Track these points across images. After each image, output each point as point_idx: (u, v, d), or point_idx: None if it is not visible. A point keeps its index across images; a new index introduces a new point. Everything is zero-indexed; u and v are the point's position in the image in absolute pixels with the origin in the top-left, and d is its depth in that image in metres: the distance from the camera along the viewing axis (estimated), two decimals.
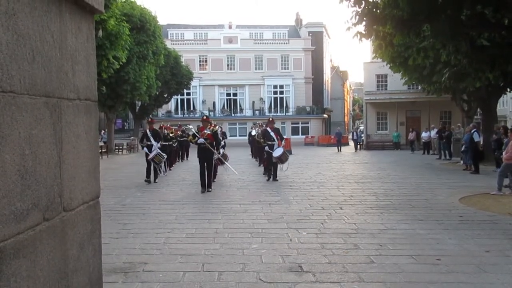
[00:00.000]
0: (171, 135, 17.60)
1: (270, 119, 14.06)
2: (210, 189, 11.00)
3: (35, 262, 1.55)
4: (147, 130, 13.63)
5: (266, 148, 13.47)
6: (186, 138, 18.80)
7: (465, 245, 5.96)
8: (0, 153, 1.37)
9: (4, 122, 1.39)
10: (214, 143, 11.37)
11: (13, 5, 1.44)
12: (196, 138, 11.14)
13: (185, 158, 22.11)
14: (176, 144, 18.90)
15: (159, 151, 13.21)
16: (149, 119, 14.53)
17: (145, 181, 12.89)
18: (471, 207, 8.90)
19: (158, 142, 13.31)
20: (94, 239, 2.07)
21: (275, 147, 13.19)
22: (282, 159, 13.14)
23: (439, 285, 4.48)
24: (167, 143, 15.62)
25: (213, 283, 4.58)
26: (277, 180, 13.08)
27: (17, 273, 1.44)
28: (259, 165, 17.92)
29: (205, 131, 11.19)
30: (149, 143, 13.36)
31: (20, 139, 1.48)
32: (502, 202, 9.49)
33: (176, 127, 20.82)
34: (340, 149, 31.86)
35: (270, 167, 13.61)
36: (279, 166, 13.41)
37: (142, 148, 14.34)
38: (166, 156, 13.95)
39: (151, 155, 13.04)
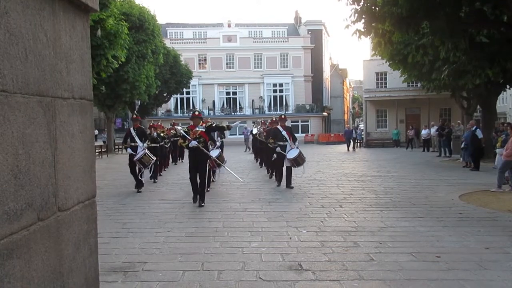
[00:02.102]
0: (162, 134, 15.34)
1: (283, 116, 12.35)
2: (203, 204, 9.03)
3: (30, 263, 1.54)
4: (131, 129, 11.74)
5: (278, 149, 11.52)
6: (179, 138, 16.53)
7: (465, 242, 5.95)
8: None
9: None
10: (209, 142, 9.61)
11: (5, 3, 1.43)
12: (187, 142, 9.17)
13: (180, 160, 19.79)
14: (169, 144, 16.89)
15: (147, 151, 11.22)
16: (134, 116, 12.80)
17: (137, 192, 11.05)
18: (471, 204, 8.89)
19: (144, 143, 11.40)
20: (90, 238, 2.05)
21: (287, 149, 11.52)
22: (299, 161, 11.31)
23: (439, 282, 4.47)
24: (158, 145, 13.53)
25: (212, 282, 4.57)
26: (292, 188, 11.20)
27: (10, 273, 1.43)
28: (256, 161, 17.78)
29: (197, 129, 9.26)
30: (133, 144, 11.41)
31: (13, 139, 1.46)
32: (502, 199, 9.48)
33: (170, 126, 18.95)
34: (349, 148, 29.72)
35: (278, 171, 12.04)
36: (293, 169, 11.56)
37: (126, 150, 12.32)
38: (155, 159, 11.83)
39: (137, 156, 11.02)
